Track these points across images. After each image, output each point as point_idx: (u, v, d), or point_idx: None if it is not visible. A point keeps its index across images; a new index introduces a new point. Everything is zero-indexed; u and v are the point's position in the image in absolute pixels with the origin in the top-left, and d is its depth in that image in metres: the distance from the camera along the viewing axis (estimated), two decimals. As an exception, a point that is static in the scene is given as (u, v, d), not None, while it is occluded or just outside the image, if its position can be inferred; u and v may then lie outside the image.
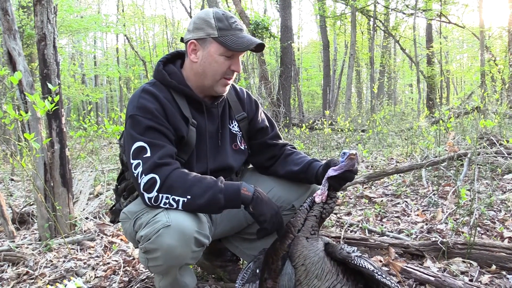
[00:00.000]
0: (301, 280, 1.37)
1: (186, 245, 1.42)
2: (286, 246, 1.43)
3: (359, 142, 7.32)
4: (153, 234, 1.41)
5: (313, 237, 1.43)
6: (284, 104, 10.22)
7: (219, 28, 1.55)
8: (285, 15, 11.03)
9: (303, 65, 27.42)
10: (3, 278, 2.26)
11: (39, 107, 2.35)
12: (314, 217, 1.46)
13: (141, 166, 1.46)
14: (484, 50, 12.96)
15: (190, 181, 1.45)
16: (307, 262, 1.37)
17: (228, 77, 1.63)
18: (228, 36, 1.55)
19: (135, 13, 24.30)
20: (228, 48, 1.54)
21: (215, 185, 1.45)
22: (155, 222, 1.42)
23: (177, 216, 1.42)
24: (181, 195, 1.43)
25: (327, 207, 1.48)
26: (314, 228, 1.45)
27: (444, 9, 15.31)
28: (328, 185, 1.49)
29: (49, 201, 2.75)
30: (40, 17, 2.69)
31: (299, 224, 1.46)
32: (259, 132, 1.86)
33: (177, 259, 1.44)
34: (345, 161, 1.44)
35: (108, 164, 6.37)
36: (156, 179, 1.44)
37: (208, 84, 1.63)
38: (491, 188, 3.38)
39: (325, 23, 17.95)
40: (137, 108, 1.54)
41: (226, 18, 1.57)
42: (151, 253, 1.44)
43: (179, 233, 1.40)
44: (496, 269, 1.93)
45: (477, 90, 10.52)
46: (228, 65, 1.59)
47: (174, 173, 1.47)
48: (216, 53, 1.57)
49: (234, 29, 1.56)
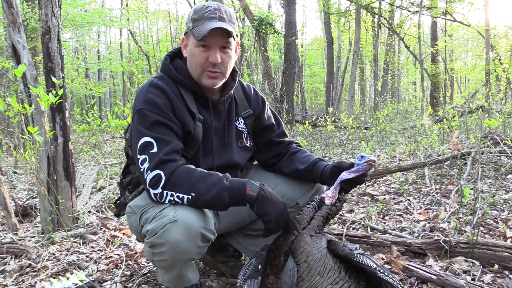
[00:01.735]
0: (303, 277, 1.36)
1: (193, 240, 1.42)
2: (290, 242, 1.43)
3: (362, 139, 7.30)
4: (160, 229, 1.40)
5: (317, 236, 1.43)
6: (287, 100, 10.21)
7: (193, 20, 1.54)
8: (289, 11, 10.99)
9: (307, 62, 27.34)
10: (6, 270, 2.27)
11: (43, 100, 2.35)
12: (321, 218, 1.45)
13: (148, 162, 1.46)
14: (489, 49, 12.88)
15: (195, 178, 1.45)
16: (310, 259, 1.37)
17: (209, 69, 1.58)
18: (198, 27, 1.52)
19: (139, 8, 24.26)
20: (194, 37, 1.53)
21: (220, 183, 1.44)
22: (162, 216, 1.42)
23: (184, 211, 1.43)
24: (186, 193, 1.43)
25: (334, 208, 1.47)
26: (320, 228, 1.45)
27: (450, 7, 15.21)
28: (339, 189, 1.48)
29: (52, 194, 2.76)
30: (44, 10, 2.69)
31: (305, 222, 1.45)
32: (265, 130, 1.85)
33: (183, 254, 1.45)
34: (362, 165, 1.44)
35: (111, 158, 6.39)
36: (161, 175, 1.44)
37: (196, 78, 1.62)
38: (494, 187, 3.37)
39: (329, 20, 17.89)
40: (145, 102, 1.53)
41: (202, 9, 1.54)
42: (157, 247, 1.44)
43: (186, 228, 1.40)
44: (499, 269, 1.92)
45: (481, 89, 10.46)
46: (206, 56, 1.56)
47: (179, 169, 1.46)
48: (193, 45, 1.56)
49: (205, 18, 1.52)
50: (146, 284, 2.00)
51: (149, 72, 15.86)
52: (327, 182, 1.64)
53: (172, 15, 25.54)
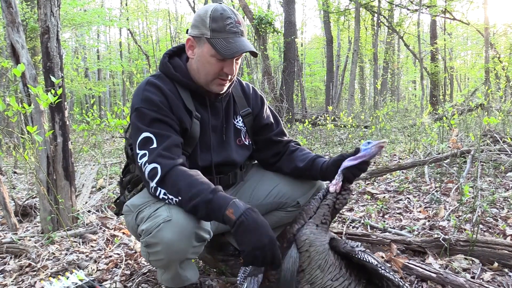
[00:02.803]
0: (304, 267, 1.36)
1: (187, 240, 1.42)
2: (295, 230, 1.43)
3: (362, 138, 7.30)
4: (154, 228, 1.40)
5: (323, 227, 1.43)
6: (287, 99, 10.21)
7: (212, 29, 1.50)
8: (288, 10, 10.99)
9: (306, 61, 27.34)
10: (6, 270, 2.27)
11: (42, 100, 2.35)
12: (326, 206, 1.46)
13: (147, 156, 1.46)
14: (489, 47, 12.88)
15: (185, 183, 1.41)
16: (312, 250, 1.36)
17: (222, 78, 1.58)
18: (219, 39, 1.49)
19: (139, 7, 24.26)
20: (217, 52, 1.50)
21: (205, 195, 1.37)
22: (156, 216, 1.43)
23: (178, 211, 1.42)
24: (174, 195, 1.42)
25: (341, 197, 1.47)
26: (326, 217, 1.44)
27: (449, 5, 15.20)
28: (343, 177, 1.48)
29: (52, 194, 2.76)
30: (43, 9, 2.69)
31: (311, 212, 1.46)
32: (264, 128, 1.85)
33: (177, 254, 1.44)
34: (371, 148, 1.45)
35: (111, 158, 6.39)
36: (157, 170, 1.43)
37: (202, 83, 1.61)
38: (494, 185, 3.37)
39: (328, 19, 17.88)
40: (142, 100, 1.54)
41: (222, 19, 1.50)
42: (152, 247, 1.44)
43: (180, 228, 1.39)
44: (498, 267, 1.92)
45: (481, 87, 10.46)
46: (221, 67, 1.55)
47: (175, 169, 1.44)
48: (208, 54, 1.53)
49: (227, 32, 1.49)
50: (146, 283, 2.00)
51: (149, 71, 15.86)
52: (328, 176, 1.62)
53: (171, 14, 25.54)
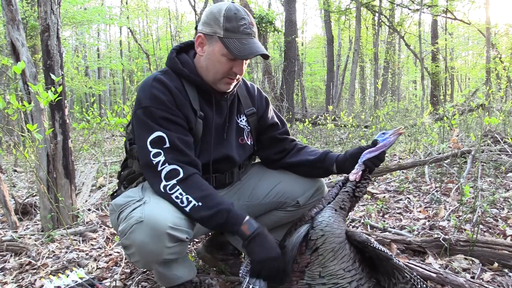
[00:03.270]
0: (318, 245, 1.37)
1: (159, 241, 1.39)
2: (314, 213, 1.45)
3: (362, 138, 7.29)
4: (127, 230, 1.41)
5: (342, 212, 1.45)
6: (287, 99, 10.21)
7: (225, 29, 1.50)
8: (289, 9, 10.98)
9: (307, 60, 27.34)
10: (6, 268, 2.27)
11: (42, 98, 2.34)
12: (346, 193, 1.48)
13: (163, 155, 1.47)
14: (490, 47, 12.87)
15: (210, 190, 1.47)
16: (327, 230, 1.37)
17: (231, 77, 1.59)
18: (232, 39, 1.50)
19: (139, 6, 24.24)
20: (230, 52, 1.50)
21: (226, 204, 1.45)
22: (130, 217, 1.42)
23: (151, 212, 1.41)
24: (196, 199, 1.43)
25: (361, 185, 1.51)
26: (345, 203, 1.47)
27: (450, 5, 15.19)
28: (364, 166, 1.53)
29: (52, 192, 2.76)
30: (43, 7, 2.68)
31: (330, 198, 1.49)
32: (269, 128, 1.85)
33: (152, 255, 1.43)
34: (390, 136, 1.52)
35: (111, 156, 6.39)
36: (179, 171, 1.45)
37: (210, 81, 1.61)
38: (494, 185, 3.37)
39: (329, 18, 17.87)
40: (150, 99, 1.52)
41: (237, 19, 1.50)
42: (127, 249, 1.44)
43: (151, 229, 1.38)
44: (498, 267, 1.92)
45: (482, 87, 10.45)
46: (231, 66, 1.55)
47: (197, 175, 1.49)
48: (219, 52, 1.53)
49: (241, 33, 1.50)
50: (145, 282, 2.00)
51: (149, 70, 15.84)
52: (346, 168, 1.64)
53: (172, 13, 25.55)
